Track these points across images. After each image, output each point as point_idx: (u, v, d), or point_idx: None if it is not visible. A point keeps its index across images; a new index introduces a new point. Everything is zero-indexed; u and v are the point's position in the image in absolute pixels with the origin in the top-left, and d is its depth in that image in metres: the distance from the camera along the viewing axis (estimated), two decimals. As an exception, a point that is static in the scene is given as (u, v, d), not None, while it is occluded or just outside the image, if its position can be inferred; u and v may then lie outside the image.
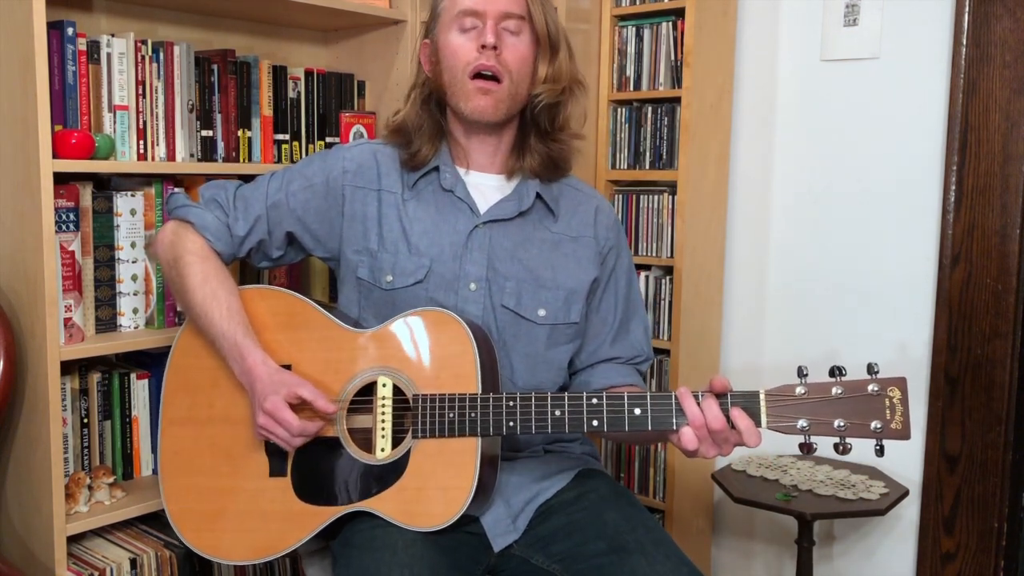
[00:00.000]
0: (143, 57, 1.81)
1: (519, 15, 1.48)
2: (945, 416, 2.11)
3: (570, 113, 1.56)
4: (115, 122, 1.78)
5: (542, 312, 1.50)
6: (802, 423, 1.23)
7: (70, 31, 1.67)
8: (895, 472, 2.16)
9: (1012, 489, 2.09)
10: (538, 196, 1.54)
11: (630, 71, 2.31)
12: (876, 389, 1.22)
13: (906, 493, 2.05)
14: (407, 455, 1.38)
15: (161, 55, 1.83)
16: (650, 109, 2.28)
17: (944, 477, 2.12)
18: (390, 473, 1.38)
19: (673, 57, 2.24)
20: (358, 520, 1.39)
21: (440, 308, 1.42)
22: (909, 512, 2.18)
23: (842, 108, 2.24)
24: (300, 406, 1.38)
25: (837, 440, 1.23)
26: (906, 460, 2.16)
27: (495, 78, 1.46)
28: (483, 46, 1.45)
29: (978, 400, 2.07)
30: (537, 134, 1.54)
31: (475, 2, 1.46)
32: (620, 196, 2.34)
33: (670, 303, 2.26)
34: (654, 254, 2.30)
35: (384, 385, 1.41)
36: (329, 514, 1.40)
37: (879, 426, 1.22)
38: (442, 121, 1.55)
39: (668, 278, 2.27)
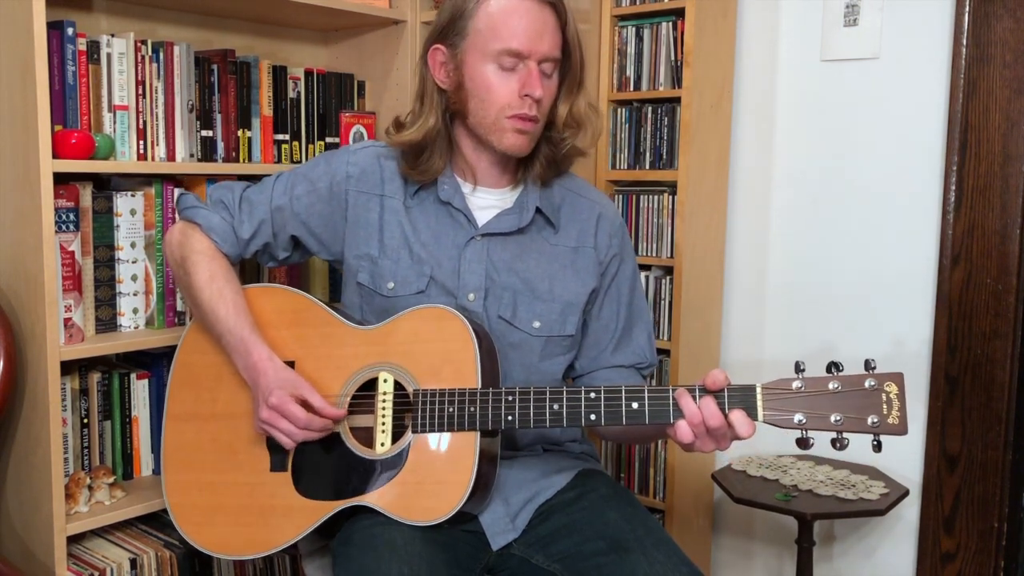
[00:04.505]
0: (143, 57, 1.81)
1: (556, 58, 1.46)
2: (945, 416, 2.11)
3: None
4: (115, 122, 1.78)
5: (537, 324, 1.50)
6: (799, 417, 1.23)
7: (70, 31, 1.67)
8: (895, 472, 2.16)
9: (1012, 489, 2.09)
10: (538, 211, 1.52)
11: (630, 71, 2.31)
12: (873, 384, 1.22)
13: (906, 493, 2.05)
14: (406, 449, 1.38)
15: (161, 55, 1.84)
16: (650, 109, 2.28)
17: (944, 477, 2.12)
18: (389, 467, 1.39)
19: (673, 57, 2.24)
20: (358, 518, 1.40)
21: (442, 305, 1.42)
22: (909, 512, 2.18)
23: (842, 108, 2.24)
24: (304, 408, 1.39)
25: (834, 435, 1.23)
26: (906, 460, 2.16)
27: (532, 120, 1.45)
28: (527, 95, 1.42)
29: (978, 400, 2.07)
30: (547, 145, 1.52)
31: (522, 45, 1.41)
32: (620, 196, 2.34)
33: (670, 303, 2.26)
34: (654, 254, 2.30)
35: (385, 380, 1.42)
36: (328, 509, 1.41)
37: (876, 421, 1.21)
38: (451, 132, 1.53)
39: (668, 278, 2.27)
